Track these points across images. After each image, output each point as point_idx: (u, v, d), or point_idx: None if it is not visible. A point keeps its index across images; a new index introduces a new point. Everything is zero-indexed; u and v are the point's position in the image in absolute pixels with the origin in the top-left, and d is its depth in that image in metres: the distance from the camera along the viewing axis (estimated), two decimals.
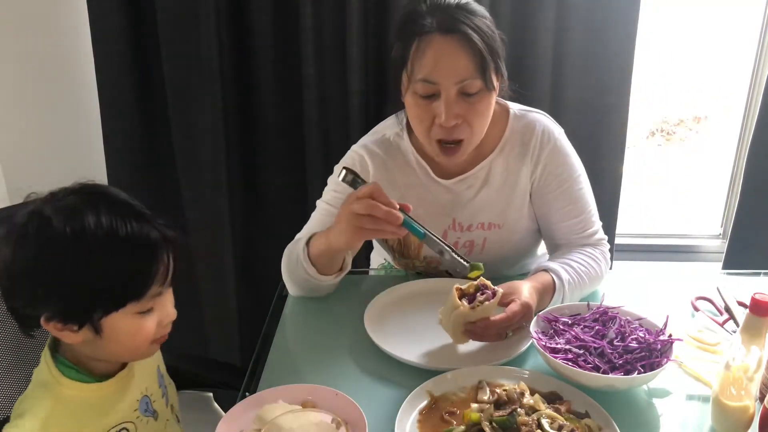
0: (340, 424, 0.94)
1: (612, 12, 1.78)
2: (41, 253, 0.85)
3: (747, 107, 2.03)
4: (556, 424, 0.94)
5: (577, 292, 1.29)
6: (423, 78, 1.22)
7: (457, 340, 1.17)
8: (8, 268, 0.87)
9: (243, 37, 1.87)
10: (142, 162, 2.00)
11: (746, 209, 1.98)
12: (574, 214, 1.38)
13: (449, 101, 1.22)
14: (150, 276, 0.89)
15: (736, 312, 1.25)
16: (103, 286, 0.86)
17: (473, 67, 1.21)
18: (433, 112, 1.24)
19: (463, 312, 1.12)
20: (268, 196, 2.05)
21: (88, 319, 0.88)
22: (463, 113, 1.24)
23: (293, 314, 1.35)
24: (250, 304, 2.15)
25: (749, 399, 0.95)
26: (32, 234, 0.85)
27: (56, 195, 0.89)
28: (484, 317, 1.12)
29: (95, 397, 0.95)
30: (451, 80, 1.21)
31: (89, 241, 0.84)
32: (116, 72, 1.89)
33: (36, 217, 0.86)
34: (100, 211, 0.86)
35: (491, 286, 1.15)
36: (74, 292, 0.86)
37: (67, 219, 0.85)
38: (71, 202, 0.88)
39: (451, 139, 1.27)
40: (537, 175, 1.39)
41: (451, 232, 1.41)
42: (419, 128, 1.29)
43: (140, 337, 0.93)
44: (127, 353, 0.97)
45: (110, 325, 0.90)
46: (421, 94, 1.24)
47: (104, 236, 0.85)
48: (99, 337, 0.90)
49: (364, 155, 1.39)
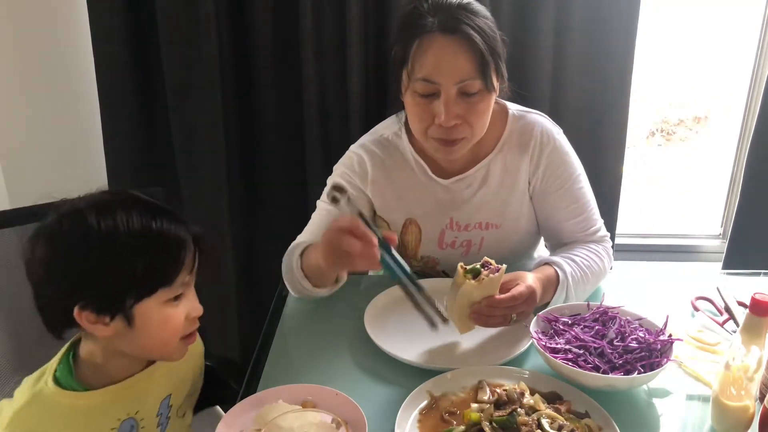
0: (340, 424, 0.95)
1: (612, 12, 1.78)
2: (77, 247, 0.90)
3: (747, 107, 2.03)
4: (556, 424, 0.94)
5: (581, 286, 1.29)
6: (423, 77, 1.22)
7: (463, 326, 1.17)
8: (43, 263, 0.90)
9: (243, 37, 1.88)
10: (142, 162, 2.00)
11: (746, 209, 1.98)
12: (576, 213, 1.39)
13: (449, 101, 1.22)
14: (179, 263, 0.94)
15: (736, 312, 1.25)
16: (136, 274, 0.90)
17: (473, 67, 1.21)
18: (433, 111, 1.24)
19: (469, 289, 1.12)
20: (268, 196, 2.05)
21: (120, 308, 0.91)
22: (462, 113, 1.24)
23: (293, 314, 1.35)
24: (250, 304, 2.15)
25: (749, 399, 0.95)
26: (67, 230, 0.90)
27: (84, 197, 0.94)
28: (489, 295, 1.13)
29: (69, 405, 0.94)
30: (452, 80, 1.21)
31: (122, 234, 0.90)
32: (116, 72, 1.89)
33: (71, 215, 0.91)
34: (132, 208, 0.92)
35: (495, 263, 1.15)
36: (108, 280, 0.90)
37: (100, 214, 0.90)
38: (103, 199, 0.94)
39: (450, 139, 1.27)
40: (538, 176, 1.39)
41: (448, 232, 1.41)
42: (418, 127, 1.29)
43: (170, 328, 0.96)
44: (157, 347, 0.98)
45: (142, 314, 0.92)
46: (420, 93, 1.24)
47: (137, 230, 0.91)
48: (131, 328, 0.92)
49: (362, 155, 1.39)
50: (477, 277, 1.13)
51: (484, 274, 1.13)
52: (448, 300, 1.17)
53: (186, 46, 1.84)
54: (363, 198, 1.41)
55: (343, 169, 1.41)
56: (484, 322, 1.16)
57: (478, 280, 1.13)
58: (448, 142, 1.27)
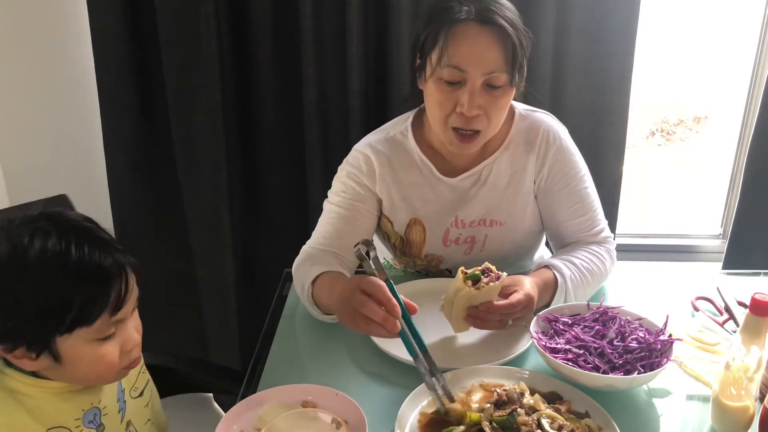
0: (340, 424, 0.95)
1: (612, 12, 1.78)
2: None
3: (747, 107, 2.03)
4: (556, 424, 0.94)
5: (581, 290, 1.29)
6: (453, 64, 1.22)
7: (458, 327, 1.17)
8: None
9: (243, 37, 1.88)
10: (142, 162, 2.00)
11: (746, 209, 1.98)
12: (580, 213, 1.39)
13: (474, 91, 1.23)
14: (100, 302, 0.86)
15: (736, 312, 1.25)
16: (47, 308, 0.84)
17: (503, 60, 1.22)
18: (456, 99, 1.25)
19: (467, 294, 1.12)
20: (268, 196, 2.05)
21: (41, 345, 0.85)
22: (485, 105, 1.25)
23: (293, 314, 1.35)
24: (250, 304, 2.15)
25: (749, 399, 0.95)
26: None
27: (12, 222, 0.87)
28: (487, 301, 1.13)
29: (36, 392, 0.91)
30: (480, 71, 1.22)
31: (31, 266, 0.83)
32: (116, 72, 1.89)
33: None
34: (51, 235, 0.84)
35: (495, 270, 1.15)
36: (16, 314, 0.84)
37: (11, 243, 0.83)
38: (23, 227, 0.86)
39: (468, 128, 1.27)
40: (543, 175, 1.39)
41: (453, 229, 1.41)
42: (438, 114, 1.28)
43: (103, 364, 0.91)
44: (92, 379, 0.94)
45: (68, 352, 0.87)
46: (446, 80, 1.24)
47: (49, 260, 0.83)
48: (59, 364, 0.88)
49: (369, 154, 1.39)
50: (476, 284, 1.13)
51: (484, 281, 1.13)
52: (446, 298, 1.17)
53: (186, 46, 1.84)
54: (372, 197, 1.40)
55: (350, 169, 1.40)
56: (480, 325, 1.16)
57: (477, 287, 1.12)
58: (465, 137, 1.28)
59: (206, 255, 2.07)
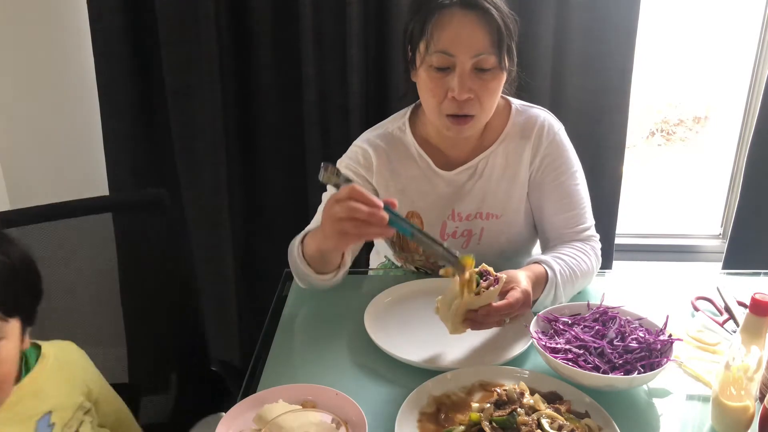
0: (340, 424, 0.95)
1: (612, 12, 1.78)
2: None
3: (747, 107, 2.03)
4: (556, 424, 0.94)
5: (569, 285, 1.28)
6: (441, 50, 1.24)
7: (455, 330, 1.16)
8: None
9: (243, 37, 1.88)
10: (142, 162, 2.00)
11: (746, 209, 1.98)
12: (567, 208, 1.40)
13: (463, 74, 1.25)
14: None
15: (736, 312, 1.25)
16: None
17: (490, 41, 1.24)
18: (447, 85, 1.26)
19: (467, 300, 1.11)
20: (268, 196, 2.05)
21: None
22: (475, 88, 1.26)
23: (293, 314, 1.35)
24: (250, 304, 2.15)
25: (749, 399, 0.95)
26: None
27: None
28: (486, 304, 1.13)
29: None
30: (468, 53, 1.23)
31: None
32: (116, 72, 1.89)
33: None
34: None
35: (494, 272, 1.15)
36: None
37: None
38: None
39: (461, 114, 1.29)
40: (535, 167, 1.40)
41: (450, 222, 1.42)
42: (431, 102, 1.30)
43: None
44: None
45: None
46: (436, 66, 1.26)
47: None
48: None
49: (367, 148, 1.41)
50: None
51: (483, 286, 1.12)
52: (442, 302, 1.15)
53: (186, 46, 1.84)
54: (369, 189, 1.41)
55: (348, 162, 1.43)
56: (478, 327, 1.16)
57: (477, 292, 1.11)
58: (460, 119, 1.29)
59: (206, 255, 2.07)
